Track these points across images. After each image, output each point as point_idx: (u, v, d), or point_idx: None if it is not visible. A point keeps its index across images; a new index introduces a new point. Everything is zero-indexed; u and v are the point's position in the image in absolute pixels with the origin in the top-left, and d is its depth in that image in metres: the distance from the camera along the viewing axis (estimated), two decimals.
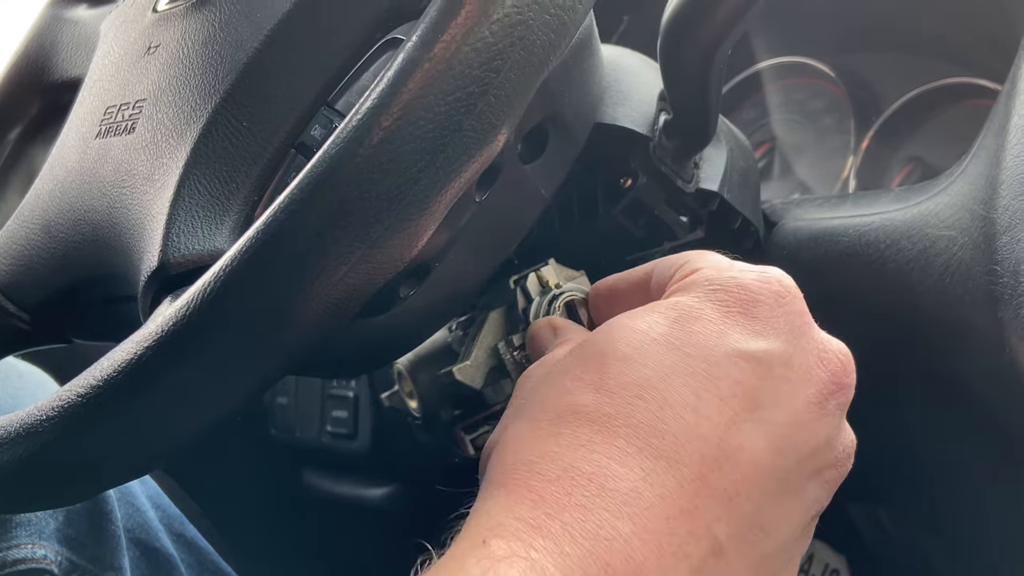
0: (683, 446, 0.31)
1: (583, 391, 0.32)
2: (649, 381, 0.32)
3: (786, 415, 0.32)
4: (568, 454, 0.31)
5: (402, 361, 0.50)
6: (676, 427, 0.31)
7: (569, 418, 0.32)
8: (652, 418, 0.31)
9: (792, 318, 0.34)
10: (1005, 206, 0.40)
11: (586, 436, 0.31)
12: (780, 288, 0.34)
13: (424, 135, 0.29)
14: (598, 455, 0.31)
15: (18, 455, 0.33)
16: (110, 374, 0.31)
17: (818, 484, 0.34)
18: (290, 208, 0.30)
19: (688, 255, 0.38)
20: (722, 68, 0.44)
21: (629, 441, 0.31)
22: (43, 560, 0.54)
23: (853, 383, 0.35)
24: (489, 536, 0.29)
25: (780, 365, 0.33)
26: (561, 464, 0.31)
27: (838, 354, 0.34)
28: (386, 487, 0.94)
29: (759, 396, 0.32)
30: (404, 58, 0.30)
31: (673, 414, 0.31)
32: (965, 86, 0.68)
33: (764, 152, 0.78)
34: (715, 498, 0.31)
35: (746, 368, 0.32)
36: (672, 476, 0.30)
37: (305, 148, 0.37)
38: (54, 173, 0.45)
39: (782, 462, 0.32)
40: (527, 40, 0.30)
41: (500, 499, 0.31)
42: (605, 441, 0.31)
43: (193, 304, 0.30)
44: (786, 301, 0.34)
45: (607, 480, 0.30)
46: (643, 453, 0.31)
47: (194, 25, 0.41)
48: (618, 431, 0.31)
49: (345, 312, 0.32)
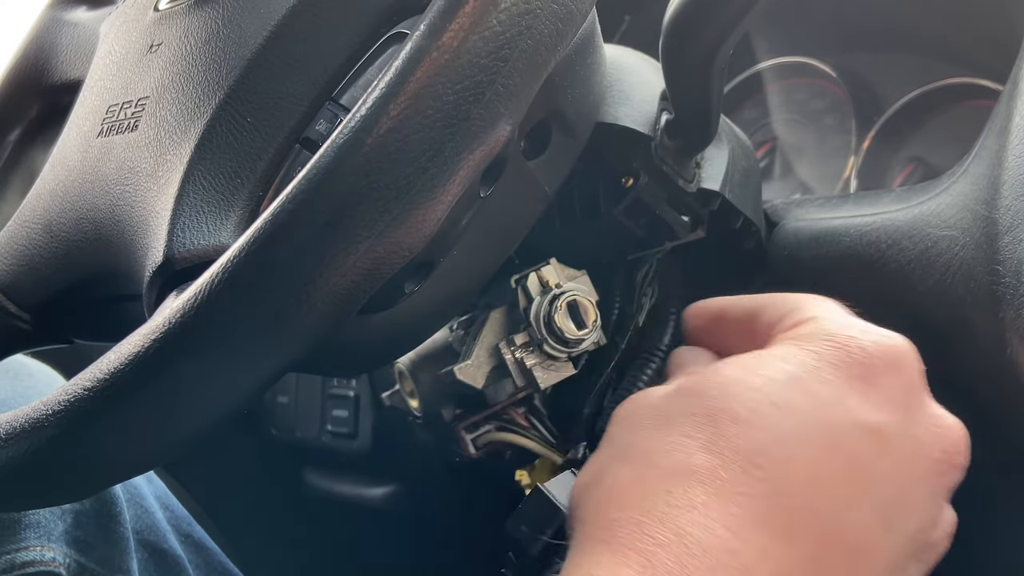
0: (799, 523, 0.29)
1: (695, 450, 0.31)
2: (766, 448, 0.30)
3: (899, 493, 0.31)
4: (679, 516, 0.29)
5: (403, 360, 0.50)
6: (793, 502, 0.30)
7: (681, 476, 0.30)
8: (769, 490, 0.30)
9: (910, 389, 0.33)
10: (1007, 206, 0.40)
11: (700, 499, 0.29)
12: (901, 355, 0.33)
13: (432, 124, 0.29)
14: (713, 521, 0.29)
15: (24, 450, 0.33)
16: (117, 367, 0.31)
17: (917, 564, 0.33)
18: (298, 199, 0.29)
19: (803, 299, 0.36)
20: (724, 68, 0.44)
21: (744, 510, 0.29)
22: (52, 563, 0.54)
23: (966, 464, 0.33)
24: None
25: (898, 440, 0.31)
26: (672, 527, 0.29)
27: (954, 431, 0.33)
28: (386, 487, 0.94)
29: (875, 472, 0.31)
30: (412, 47, 0.30)
31: (790, 487, 0.30)
32: (966, 86, 0.68)
33: (765, 152, 0.78)
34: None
35: (863, 442, 0.31)
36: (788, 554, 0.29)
37: (309, 143, 0.37)
38: (55, 172, 0.45)
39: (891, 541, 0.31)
40: (535, 29, 0.30)
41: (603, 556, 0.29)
42: (720, 507, 0.29)
43: (200, 296, 0.30)
44: (905, 370, 0.33)
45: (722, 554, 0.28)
46: (760, 527, 0.29)
47: (196, 22, 0.41)
48: (734, 498, 0.29)
49: (351, 305, 0.32)
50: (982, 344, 0.42)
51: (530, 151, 0.41)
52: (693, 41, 0.43)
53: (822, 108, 0.77)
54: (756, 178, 0.54)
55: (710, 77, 0.44)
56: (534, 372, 0.44)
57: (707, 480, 0.30)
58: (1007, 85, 0.44)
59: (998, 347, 0.40)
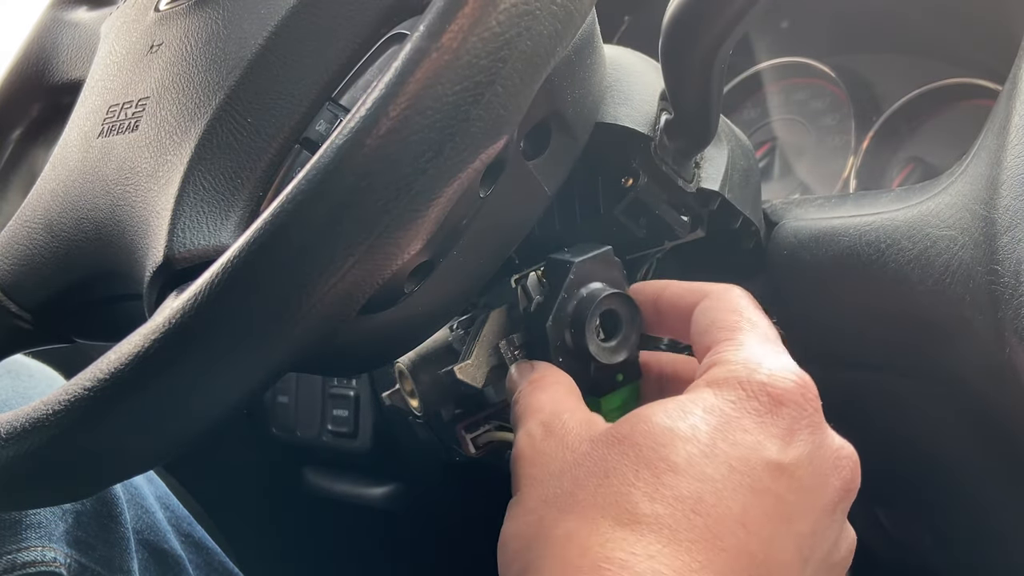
0: (736, 562, 0.32)
1: (640, 499, 0.32)
2: (702, 495, 0.32)
3: (811, 525, 0.34)
4: (637, 564, 0.31)
5: (403, 360, 0.50)
6: (730, 543, 0.32)
7: (632, 525, 0.32)
8: (709, 534, 0.32)
9: (815, 426, 0.35)
10: (1006, 206, 0.40)
11: (655, 548, 0.31)
12: (806, 393, 0.35)
13: (432, 125, 0.29)
14: (669, 570, 0.31)
15: (25, 450, 0.33)
16: (117, 367, 0.31)
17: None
18: (297, 199, 0.30)
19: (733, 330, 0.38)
20: (723, 68, 0.44)
21: (692, 556, 0.31)
22: (53, 563, 0.54)
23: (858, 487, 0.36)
24: None
25: (806, 475, 0.34)
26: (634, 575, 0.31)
27: (849, 460, 0.36)
28: (387, 486, 0.94)
29: (791, 509, 0.33)
30: (411, 48, 0.30)
31: (727, 530, 0.32)
32: (965, 86, 0.68)
33: (765, 152, 0.78)
34: None
35: (781, 481, 0.33)
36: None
37: (310, 143, 0.37)
38: (56, 172, 0.45)
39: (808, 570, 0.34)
40: (534, 30, 0.30)
41: None
42: (672, 554, 0.31)
43: (200, 296, 0.30)
44: (810, 408, 0.35)
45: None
46: (705, 571, 0.31)
47: (197, 23, 0.41)
48: (681, 544, 0.31)
49: (351, 305, 0.32)
50: (981, 343, 0.42)
51: (530, 151, 0.41)
52: (693, 41, 0.43)
53: (821, 108, 0.77)
54: (755, 178, 0.54)
55: (710, 77, 0.44)
56: None
57: (656, 528, 0.32)
58: (1006, 85, 0.44)
59: (997, 346, 0.40)
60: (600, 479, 0.34)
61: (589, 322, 0.43)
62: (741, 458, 0.33)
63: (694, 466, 0.33)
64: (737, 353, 0.37)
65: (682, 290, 0.42)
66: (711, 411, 0.35)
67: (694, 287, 0.42)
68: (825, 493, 0.35)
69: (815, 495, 0.34)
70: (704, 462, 0.33)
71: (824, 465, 0.35)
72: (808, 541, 0.34)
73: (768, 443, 0.34)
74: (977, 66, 0.67)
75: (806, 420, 0.35)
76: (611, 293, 0.43)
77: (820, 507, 0.34)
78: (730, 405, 0.35)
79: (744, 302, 0.40)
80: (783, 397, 0.35)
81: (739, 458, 0.33)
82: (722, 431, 0.34)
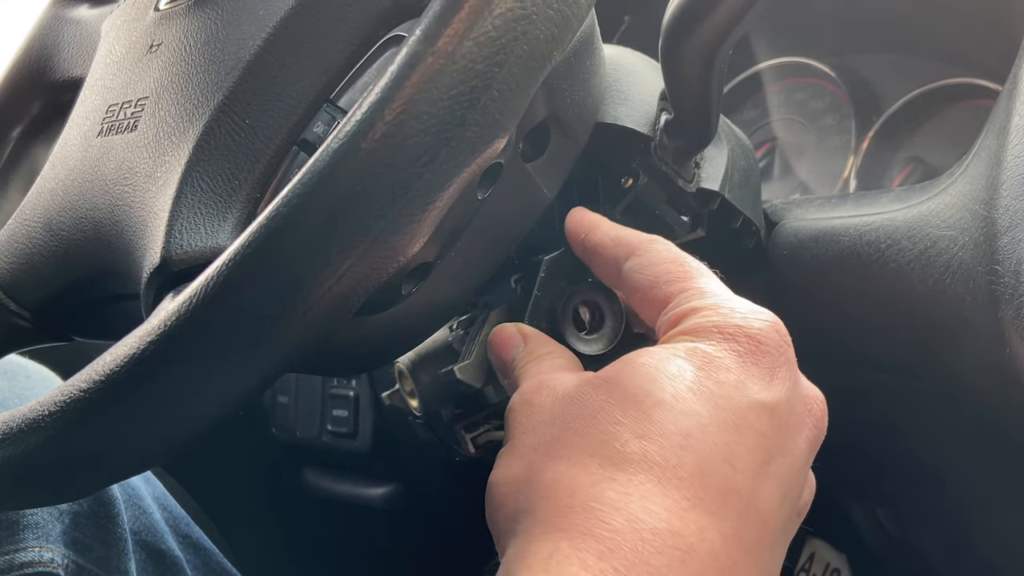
0: (724, 500, 0.32)
1: (628, 437, 0.33)
2: (690, 432, 0.32)
3: (789, 464, 0.34)
4: (628, 503, 0.31)
5: (403, 360, 0.50)
6: (717, 481, 0.32)
7: (621, 464, 0.32)
8: (697, 472, 0.32)
9: (790, 366, 0.36)
10: (1006, 206, 0.40)
11: (642, 486, 0.31)
12: (781, 334, 0.36)
13: (427, 129, 0.29)
14: (658, 507, 0.31)
15: (20, 451, 0.33)
16: (113, 369, 0.31)
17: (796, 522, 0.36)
18: (293, 202, 0.30)
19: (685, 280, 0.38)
20: (723, 68, 0.44)
21: (682, 494, 0.31)
22: (50, 563, 0.54)
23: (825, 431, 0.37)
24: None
25: (785, 414, 0.34)
26: (624, 515, 0.31)
27: (819, 403, 0.37)
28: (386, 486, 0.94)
29: (773, 448, 0.34)
30: (407, 52, 0.30)
31: (714, 468, 0.32)
32: (965, 86, 0.68)
33: (765, 152, 0.78)
34: (747, 554, 0.32)
35: (764, 419, 0.34)
36: (718, 532, 0.31)
37: (307, 145, 0.37)
38: (56, 171, 0.45)
39: (786, 509, 0.34)
40: (530, 35, 0.30)
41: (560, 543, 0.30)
42: (661, 493, 0.31)
43: (196, 298, 0.30)
44: (784, 349, 0.36)
45: (669, 537, 0.30)
46: (696, 508, 0.31)
47: (196, 23, 0.41)
48: (670, 482, 0.31)
49: (347, 307, 0.32)
50: (981, 343, 0.42)
51: (528, 153, 0.41)
52: (693, 41, 0.43)
53: (821, 108, 0.77)
54: (755, 178, 0.54)
55: (710, 77, 0.44)
56: None
57: (646, 467, 0.32)
58: (1006, 85, 0.44)
59: (997, 346, 0.40)
60: (587, 420, 0.34)
61: (563, 315, 0.43)
62: (726, 396, 0.33)
63: (680, 401, 0.33)
64: (703, 300, 0.37)
65: (607, 239, 0.42)
66: (694, 353, 0.35)
67: (619, 238, 0.42)
68: (801, 433, 0.35)
69: (793, 434, 0.35)
70: (691, 398, 0.33)
71: (800, 406, 0.35)
72: (786, 480, 0.34)
73: (751, 383, 0.34)
74: (977, 66, 0.67)
75: (784, 360, 0.35)
76: (583, 284, 0.43)
77: (797, 447, 0.35)
78: (712, 347, 0.35)
79: (676, 251, 0.40)
80: (761, 338, 0.35)
81: (724, 396, 0.33)
82: (706, 371, 0.34)
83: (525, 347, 0.41)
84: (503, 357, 0.42)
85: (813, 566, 0.65)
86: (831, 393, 0.37)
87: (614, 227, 0.43)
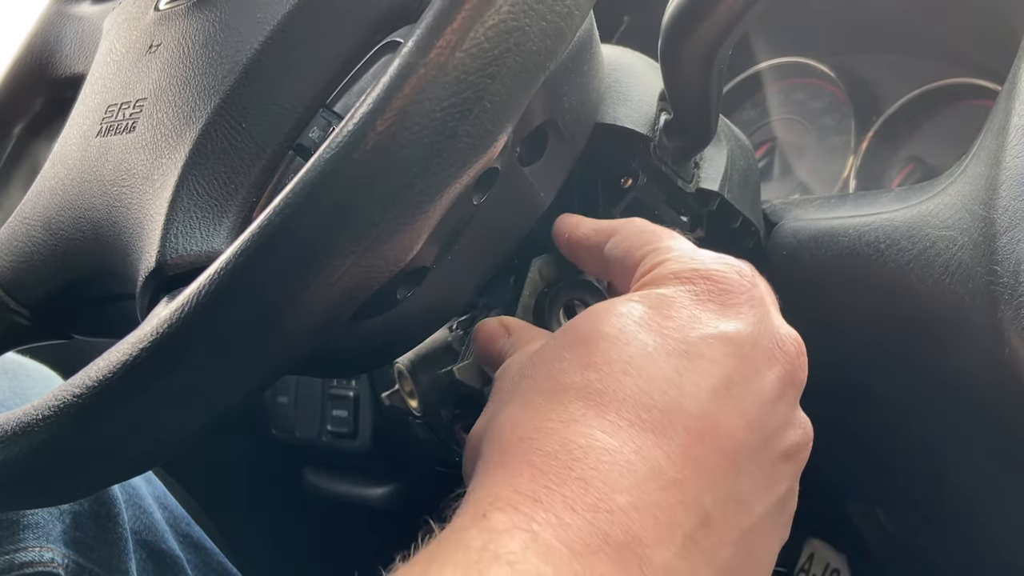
0: (669, 420, 0.32)
1: (572, 370, 0.33)
2: (633, 358, 0.33)
3: (754, 393, 0.34)
4: (563, 429, 0.32)
5: (402, 360, 0.50)
6: (661, 401, 0.32)
7: (561, 395, 0.33)
8: (639, 392, 0.32)
9: (755, 303, 0.36)
10: (1005, 206, 0.40)
11: (579, 411, 0.32)
12: (742, 274, 0.36)
13: (419, 140, 0.29)
14: (592, 429, 0.32)
15: (15, 453, 0.34)
16: (105, 375, 0.31)
17: (785, 463, 0.35)
18: (285, 212, 0.30)
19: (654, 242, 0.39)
20: (723, 68, 0.44)
21: (620, 415, 0.32)
22: (50, 563, 0.54)
23: (805, 369, 0.37)
24: (489, 510, 0.30)
25: (748, 346, 0.34)
26: (557, 439, 0.31)
27: (792, 341, 0.36)
28: (386, 486, 0.94)
29: (731, 374, 0.34)
30: (400, 63, 0.30)
31: (657, 389, 0.33)
32: (965, 86, 0.68)
33: (764, 152, 0.78)
34: (700, 470, 0.32)
35: (718, 348, 0.34)
36: (661, 449, 0.31)
37: (303, 150, 0.37)
38: (55, 171, 0.45)
39: (754, 437, 0.34)
40: (523, 46, 0.30)
41: (499, 475, 0.31)
42: (598, 415, 0.32)
43: (188, 306, 0.30)
44: (748, 287, 0.36)
45: (603, 454, 0.31)
46: (634, 427, 0.32)
47: (195, 25, 0.41)
48: (609, 406, 0.32)
49: (340, 315, 0.32)
50: (980, 344, 0.42)
51: (526, 157, 0.41)
52: (692, 41, 0.43)
53: (821, 108, 0.77)
54: (755, 178, 0.54)
55: (709, 77, 0.44)
56: None
57: (585, 394, 0.33)
58: (1005, 85, 0.44)
59: (996, 346, 0.40)
60: (540, 365, 0.35)
61: (550, 313, 0.43)
62: (675, 327, 0.34)
63: (626, 333, 0.34)
64: (666, 254, 0.38)
65: (590, 230, 0.43)
66: (647, 296, 0.35)
67: (603, 225, 0.42)
68: (771, 367, 0.35)
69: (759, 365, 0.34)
70: (637, 329, 0.34)
71: (768, 341, 0.35)
72: (752, 408, 0.34)
73: (704, 316, 0.34)
74: (977, 66, 0.67)
75: (747, 298, 0.35)
76: (570, 282, 0.44)
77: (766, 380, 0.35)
78: (667, 290, 0.36)
79: (651, 224, 0.41)
80: (719, 278, 0.36)
81: (673, 328, 0.34)
82: (657, 307, 0.35)
83: (510, 337, 0.42)
84: (490, 351, 0.42)
85: (813, 566, 0.65)
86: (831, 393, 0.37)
87: (595, 220, 0.44)
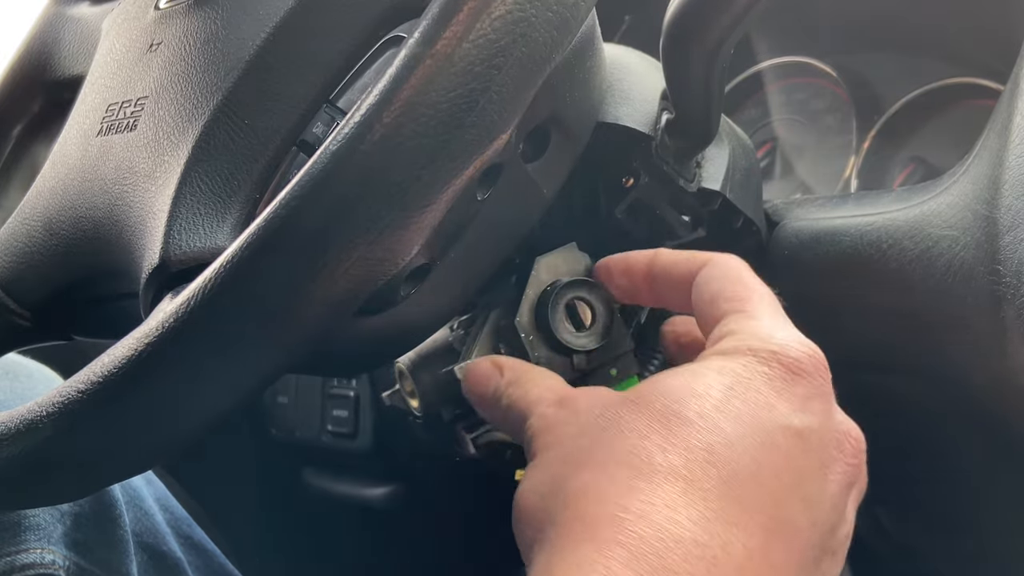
0: (749, 516, 0.32)
1: (654, 452, 0.33)
2: (715, 448, 0.32)
3: (818, 491, 0.34)
4: (654, 513, 0.31)
5: (403, 360, 0.50)
6: (743, 493, 0.32)
7: (650, 475, 0.32)
8: (723, 484, 0.32)
9: (824, 396, 0.35)
10: (1008, 206, 0.40)
11: (669, 497, 0.31)
12: (816, 363, 0.35)
13: (426, 132, 0.29)
14: (683, 518, 0.31)
15: (18, 451, 0.33)
16: (110, 370, 0.31)
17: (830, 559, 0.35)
18: (291, 204, 0.30)
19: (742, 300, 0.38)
20: (724, 68, 0.44)
21: (707, 506, 0.31)
22: (52, 565, 0.54)
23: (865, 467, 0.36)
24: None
25: (816, 442, 0.34)
26: (650, 523, 0.31)
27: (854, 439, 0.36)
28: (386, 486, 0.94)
29: (801, 470, 0.33)
30: (406, 55, 0.29)
31: (740, 481, 0.32)
32: (967, 86, 0.68)
33: (766, 152, 0.78)
34: (773, 570, 0.32)
35: (793, 442, 0.33)
36: (742, 545, 0.31)
37: (307, 146, 0.37)
38: (56, 170, 0.45)
39: (816, 537, 0.33)
40: (529, 37, 0.30)
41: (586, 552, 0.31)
42: (687, 504, 0.31)
43: (193, 300, 0.30)
44: (819, 378, 0.35)
45: (694, 547, 0.30)
46: (720, 520, 0.31)
47: (196, 23, 0.41)
48: (696, 494, 0.32)
49: (345, 309, 0.32)
50: (982, 344, 0.42)
51: (529, 154, 0.41)
52: (694, 40, 0.43)
53: (823, 108, 0.77)
54: (757, 178, 0.54)
55: (711, 77, 0.44)
56: None
57: (672, 479, 0.32)
58: (1007, 84, 0.44)
59: (998, 346, 0.40)
60: (615, 434, 0.34)
61: (554, 312, 0.43)
62: (753, 415, 0.33)
63: (706, 419, 0.33)
64: (747, 324, 0.37)
65: (677, 258, 0.42)
66: (723, 372, 0.35)
67: (690, 255, 0.41)
68: (834, 464, 0.34)
69: (825, 463, 0.34)
70: (716, 416, 0.33)
71: (832, 436, 0.35)
72: (816, 507, 0.33)
73: (780, 405, 0.34)
74: (978, 66, 0.67)
75: (817, 390, 0.35)
76: (572, 280, 0.44)
77: (828, 476, 0.34)
78: (743, 368, 0.35)
79: (747, 272, 0.40)
80: (795, 366, 0.35)
81: (751, 415, 0.33)
82: (735, 390, 0.34)
83: (503, 377, 0.41)
84: (482, 391, 0.42)
85: None
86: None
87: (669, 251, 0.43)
